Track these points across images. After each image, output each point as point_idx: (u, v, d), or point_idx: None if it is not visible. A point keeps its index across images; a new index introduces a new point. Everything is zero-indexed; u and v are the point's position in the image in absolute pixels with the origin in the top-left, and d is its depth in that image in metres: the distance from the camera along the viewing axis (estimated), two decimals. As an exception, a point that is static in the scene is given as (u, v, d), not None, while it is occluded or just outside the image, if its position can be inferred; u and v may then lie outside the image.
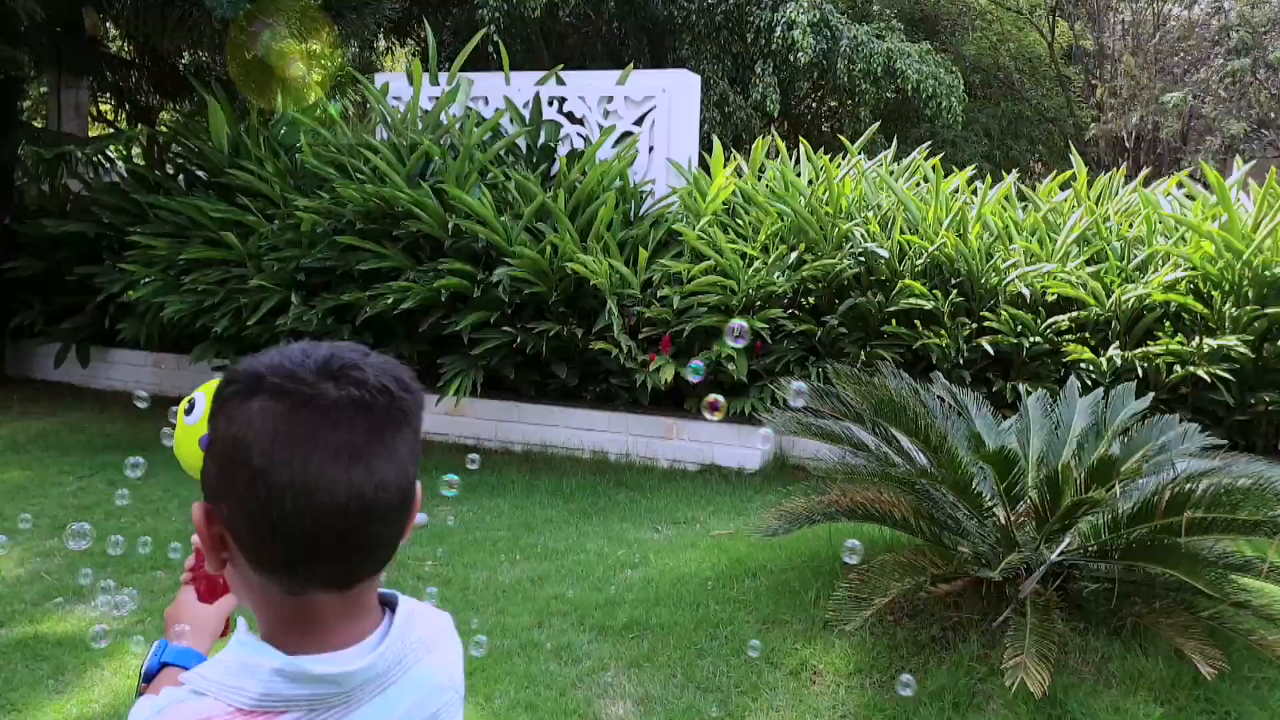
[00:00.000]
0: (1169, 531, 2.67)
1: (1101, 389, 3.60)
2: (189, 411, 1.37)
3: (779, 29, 11.08)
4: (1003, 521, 2.87)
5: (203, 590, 1.26)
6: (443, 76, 6.76)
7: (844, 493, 3.19)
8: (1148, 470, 3.08)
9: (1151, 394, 3.56)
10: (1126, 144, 15.46)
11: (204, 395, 1.34)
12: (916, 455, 3.23)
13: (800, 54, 10.85)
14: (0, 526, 4.34)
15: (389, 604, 0.92)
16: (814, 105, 16.39)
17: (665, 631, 3.32)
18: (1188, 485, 2.54)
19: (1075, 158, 5.90)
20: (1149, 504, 2.59)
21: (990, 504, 2.86)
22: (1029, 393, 3.66)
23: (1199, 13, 15.56)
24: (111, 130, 11.18)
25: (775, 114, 11.71)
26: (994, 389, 5.20)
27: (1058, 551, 2.93)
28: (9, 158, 6.96)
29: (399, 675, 0.89)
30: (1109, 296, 5.04)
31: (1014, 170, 6.72)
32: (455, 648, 1.01)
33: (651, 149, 6.40)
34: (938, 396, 3.56)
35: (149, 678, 1.16)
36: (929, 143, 7.54)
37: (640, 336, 5.68)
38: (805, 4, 11.06)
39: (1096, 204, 5.54)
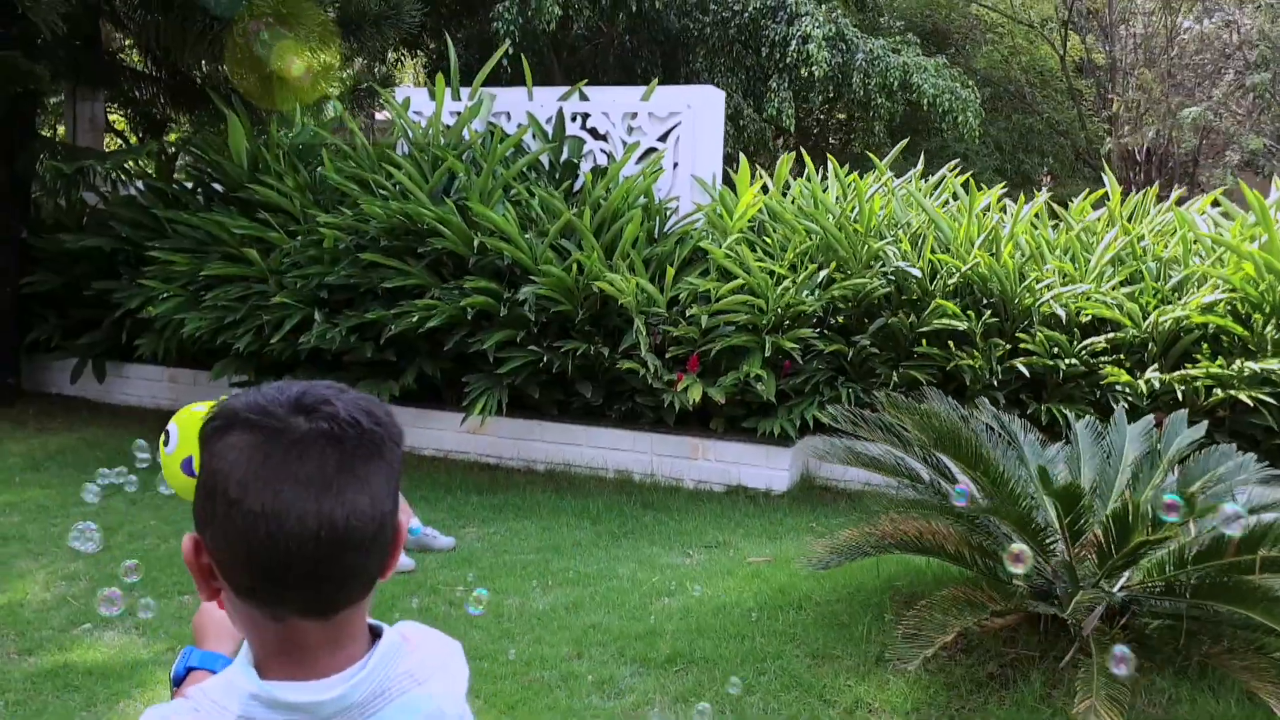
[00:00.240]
0: (1238, 569, 2.59)
1: (1150, 415, 3.53)
2: (166, 442, 1.44)
3: (794, 43, 11.05)
4: (1065, 556, 2.79)
5: (221, 600, 1.27)
6: (464, 91, 6.72)
7: (894, 524, 3.11)
8: (1202, 502, 3.01)
9: (1205, 422, 3.49)
10: (1137, 158, 15.42)
11: (177, 425, 1.45)
12: (963, 481, 3.16)
13: (816, 68, 10.81)
14: (28, 548, 4.27)
15: (377, 635, 0.94)
16: (821, 119, 16.36)
17: (710, 665, 3.24)
18: (1262, 520, 2.47)
19: (1109, 177, 5.84)
20: (1220, 540, 2.52)
21: (1052, 539, 2.79)
22: (1078, 417, 3.58)
23: (1210, 26, 15.55)
24: (121, 143, 11.16)
25: (791, 128, 11.67)
26: (1028, 411, 5.13)
27: (1118, 586, 2.85)
28: (27, 171, 6.91)
29: (381, 705, 0.89)
30: (1145, 318, 4.97)
31: (1026, 184, 6.66)
32: (456, 677, 1.01)
33: (676, 165, 6.35)
34: (984, 423, 3.49)
35: (178, 682, 1.21)
36: (940, 156, 7.49)
37: (667, 355, 5.62)
38: (821, 18, 11.03)
39: (1129, 223, 5.48)
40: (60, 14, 5.55)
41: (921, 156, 6.61)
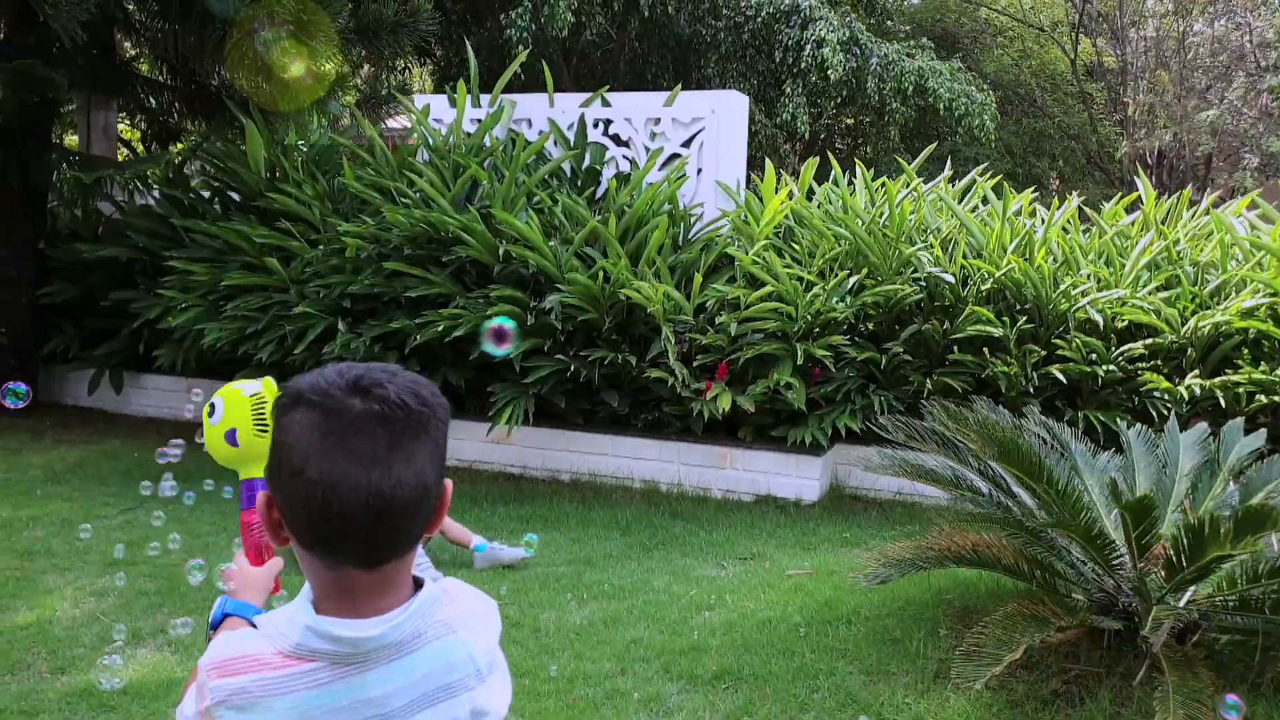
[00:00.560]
0: (1315, 582, 2.51)
1: (1203, 424, 3.46)
2: (211, 414, 1.53)
3: (808, 47, 11.00)
4: (1131, 570, 2.72)
5: (252, 557, 1.50)
6: (484, 98, 6.66)
7: (948, 537, 3.04)
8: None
9: (1264, 430, 3.41)
10: (1149, 161, 15.36)
11: (222, 400, 1.52)
12: (1019, 492, 3.09)
13: (830, 72, 10.76)
14: (54, 563, 4.20)
15: (420, 586, 1.07)
16: (828, 124, 16.31)
17: (760, 682, 3.16)
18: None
19: (1143, 181, 5.76)
20: (1298, 553, 2.45)
21: (1117, 553, 2.71)
22: (1127, 424, 3.51)
23: (1221, 28, 15.49)
24: (129, 153, 11.12)
25: (805, 133, 11.61)
26: (1065, 418, 5.05)
27: (1184, 600, 2.77)
28: (43, 181, 6.85)
29: (418, 646, 1.03)
30: (1184, 323, 4.90)
31: (1036, 188, 6.59)
32: (488, 632, 1.13)
33: (700, 171, 6.29)
34: (1034, 433, 3.42)
35: (215, 627, 1.35)
36: (950, 161, 7.41)
37: (694, 364, 5.55)
38: (835, 22, 10.98)
39: (1163, 226, 5.40)
40: (80, 22, 5.50)
41: (949, 161, 6.53)
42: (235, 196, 6.93)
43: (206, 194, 7.22)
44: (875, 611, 3.45)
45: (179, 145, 9.10)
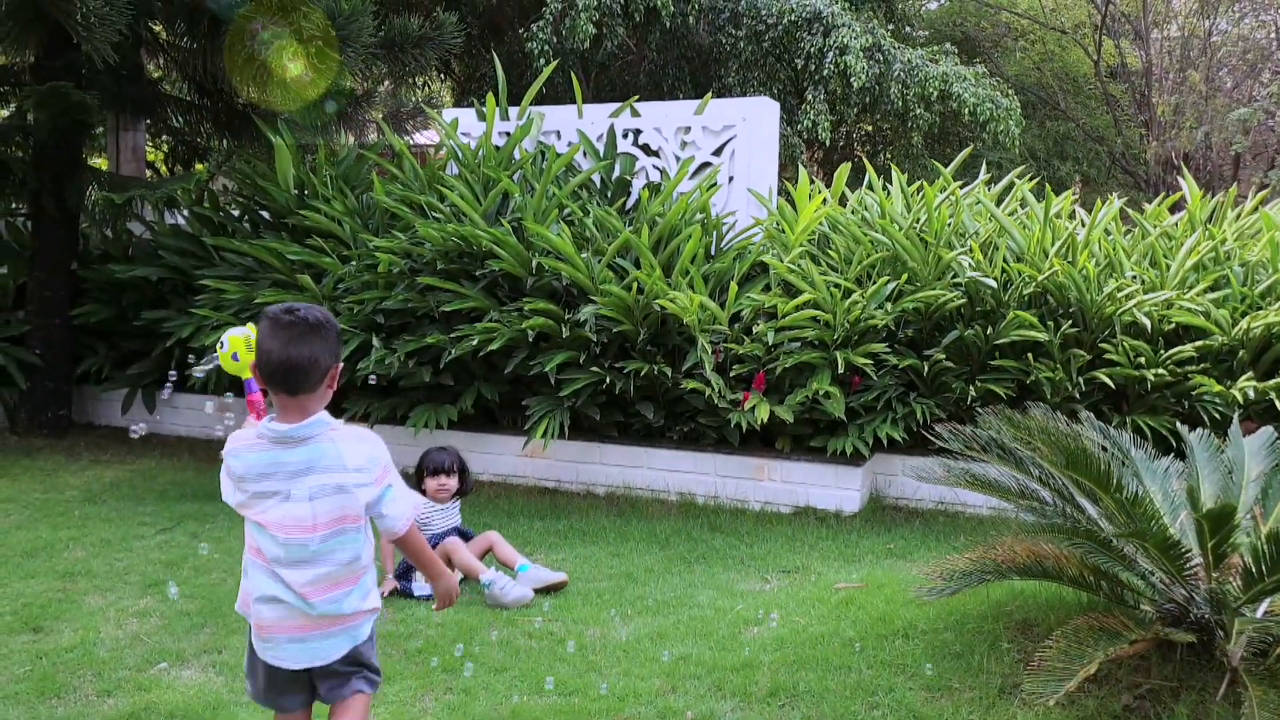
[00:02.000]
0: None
1: (1268, 428, 3.35)
2: (221, 346, 2.54)
3: (830, 54, 10.94)
4: (1207, 582, 2.63)
5: (254, 417, 2.37)
6: (512, 111, 6.64)
7: (1009, 548, 2.95)
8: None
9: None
10: (1175, 162, 15.18)
11: (227, 337, 2.52)
12: (1083, 501, 3.00)
13: (853, 79, 10.69)
14: (95, 584, 4.17)
15: (325, 421, 2.08)
16: (846, 131, 16.23)
17: (817, 699, 3.08)
18: None
19: (1188, 181, 5.66)
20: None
21: (1191, 563, 2.62)
22: (1190, 429, 3.41)
23: (1247, 28, 15.32)
24: (152, 172, 11.17)
25: (827, 141, 11.54)
26: (1112, 424, 4.95)
27: (1261, 612, 2.68)
28: (76, 202, 6.88)
29: (310, 442, 2.05)
30: (1234, 325, 4.79)
31: (1060, 190, 6.49)
32: (360, 448, 2.10)
33: (731, 179, 6.24)
34: (1091, 439, 3.33)
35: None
36: (973, 165, 7.33)
37: (730, 374, 5.48)
38: (858, 29, 10.92)
39: (1210, 225, 5.30)
40: (111, 44, 5.51)
41: (983, 166, 6.45)
42: (265, 214, 6.94)
43: (236, 212, 7.23)
44: (932, 625, 3.37)
45: (200, 166, 9.15)
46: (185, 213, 7.28)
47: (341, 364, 2.13)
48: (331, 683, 2.19)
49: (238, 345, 2.52)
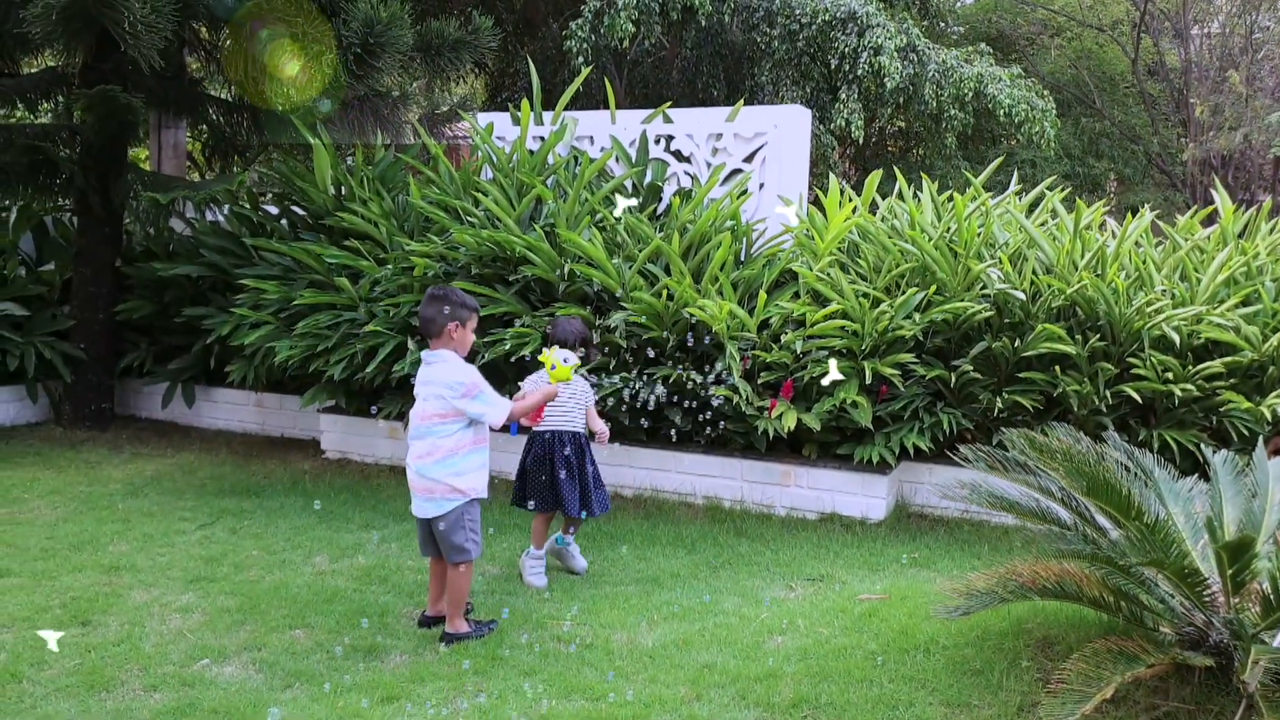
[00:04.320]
0: None
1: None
2: (551, 368, 3.98)
3: (865, 54, 10.92)
4: (1226, 609, 2.67)
5: (531, 419, 4.12)
6: (546, 115, 6.72)
7: (1030, 568, 3.00)
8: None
9: (1358, 459, 3.32)
10: (1213, 164, 14.97)
11: (544, 360, 4.04)
12: (1103, 523, 3.04)
13: (888, 79, 10.67)
14: (139, 579, 4.32)
15: (442, 355, 3.69)
16: (880, 127, 16.16)
17: (839, 712, 3.16)
18: None
19: (1220, 194, 5.63)
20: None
21: (1210, 589, 2.66)
22: (1206, 447, 3.44)
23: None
24: (190, 163, 11.38)
25: (860, 141, 11.52)
26: (1139, 438, 4.97)
27: (1279, 640, 2.71)
28: (121, 201, 7.06)
29: (430, 364, 3.66)
30: (1265, 341, 4.78)
31: (1094, 189, 6.46)
32: (447, 371, 3.63)
33: (762, 186, 6.28)
34: (1114, 458, 3.36)
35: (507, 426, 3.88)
36: (1005, 165, 7.30)
37: (758, 381, 5.54)
38: (892, 28, 10.89)
39: (1243, 239, 5.27)
40: (158, 49, 5.66)
41: (1005, 163, 6.43)
42: (301, 213, 7.07)
43: (274, 210, 7.38)
44: (953, 640, 3.42)
45: (238, 162, 9.31)
46: (225, 210, 7.44)
47: (458, 322, 3.63)
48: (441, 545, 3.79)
49: (547, 361, 3.97)
